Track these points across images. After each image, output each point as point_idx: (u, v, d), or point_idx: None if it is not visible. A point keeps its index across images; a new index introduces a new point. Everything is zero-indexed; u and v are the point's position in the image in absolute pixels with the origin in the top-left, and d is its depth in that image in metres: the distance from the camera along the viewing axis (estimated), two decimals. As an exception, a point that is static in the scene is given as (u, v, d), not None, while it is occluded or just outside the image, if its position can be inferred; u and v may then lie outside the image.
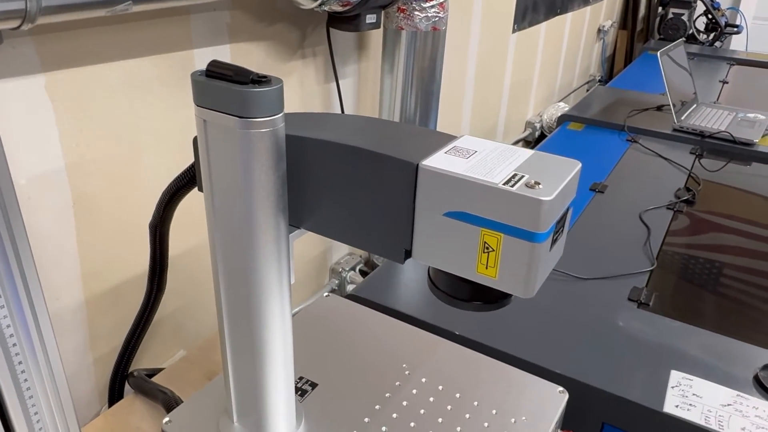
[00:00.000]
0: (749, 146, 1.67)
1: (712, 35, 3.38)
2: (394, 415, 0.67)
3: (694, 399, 0.78)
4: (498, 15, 2.04)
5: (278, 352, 0.57)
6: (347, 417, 0.67)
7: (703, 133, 1.72)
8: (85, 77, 0.82)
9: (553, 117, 2.60)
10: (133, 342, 0.86)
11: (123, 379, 0.89)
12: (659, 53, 1.74)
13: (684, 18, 3.34)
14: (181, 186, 0.66)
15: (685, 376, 0.82)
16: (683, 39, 2.07)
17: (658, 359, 0.85)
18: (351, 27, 1.12)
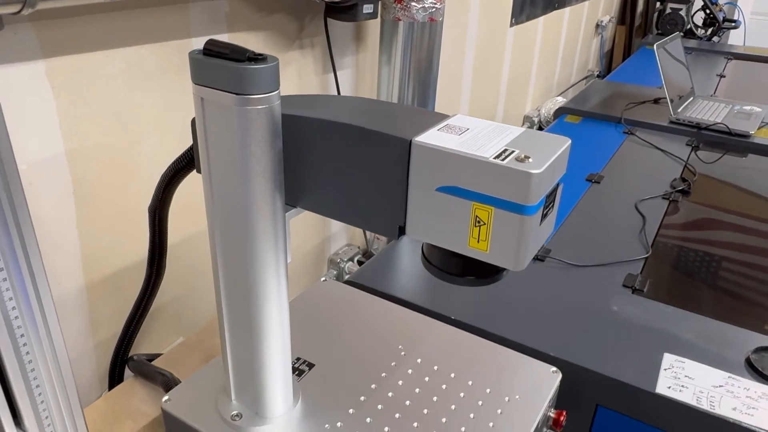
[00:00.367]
0: (745, 138, 1.68)
1: (710, 30, 3.38)
2: (390, 394, 0.68)
3: (686, 380, 0.79)
4: (495, 8, 2.04)
5: (275, 329, 0.58)
6: (343, 396, 0.68)
7: (700, 125, 1.73)
8: (85, 64, 0.83)
9: (551, 111, 2.60)
10: (133, 326, 0.87)
11: (123, 364, 0.90)
12: (655, 46, 1.75)
13: (682, 13, 3.34)
14: (180, 168, 0.67)
15: (678, 359, 0.83)
16: (679, 33, 2.07)
17: (652, 343, 0.86)
18: (348, 17, 1.13)
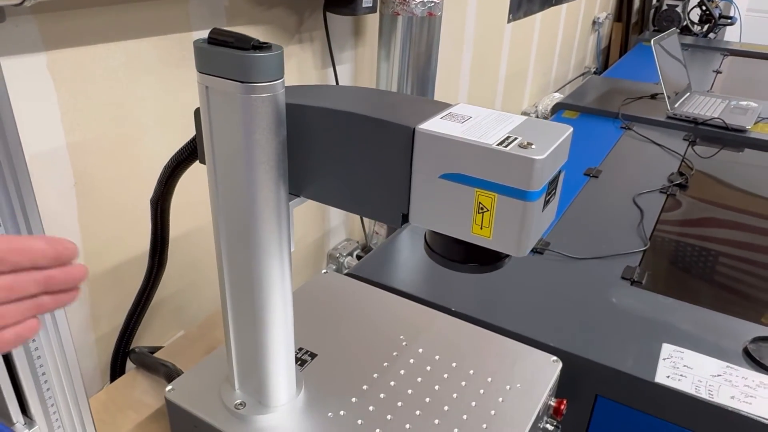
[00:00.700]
0: (742, 133, 1.69)
1: (706, 27, 3.40)
2: (392, 383, 0.69)
3: (685, 370, 0.80)
4: (493, 4, 2.05)
5: (279, 317, 0.58)
6: (346, 385, 0.68)
7: (697, 120, 1.74)
8: (87, 57, 0.83)
9: (548, 107, 2.61)
10: (135, 319, 0.88)
11: (124, 356, 0.90)
12: (652, 41, 1.76)
13: (678, 9, 3.35)
14: (182, 159, 0.67)
15: (677, 349, 0.83)
16: (676, 29, 2.08)
17: (650, 333, 0.87)
18: (347, 11, 1.14)
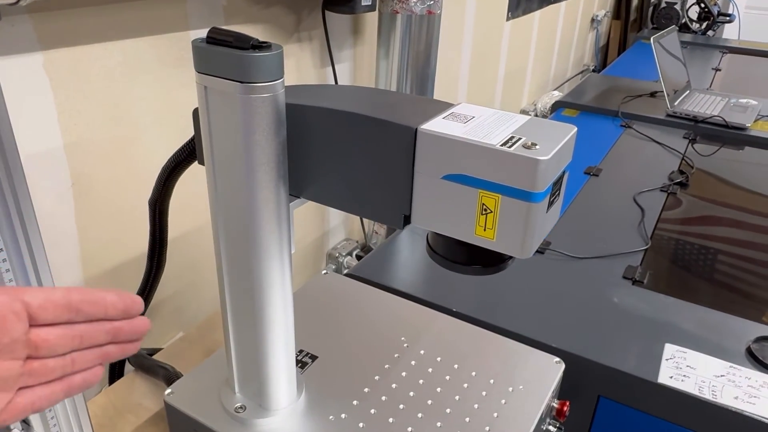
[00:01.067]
0: (742, 131, 1.68)
1: (705, 24, 3.39)
2: (393, 386, 0.68)
3: (688, 370, 0.79)
4: (492, 2, 2.04)
5: (280, 319, 0.58)
6: (347, 387, 0.68)
7: (697, 118, 1.73)
8: (83, 56, 0.82)
9: (547, 105, 2.60)
10: (133, 320, 0.87)
11: (123, 359, 0.90)
12: (652, 39, 1.75)
13: (677, 7, 3.35)
14: (181, 160, 0.66)
15: (679, 349, 0.83)
16: (675, 26, 2.08)
17: (653, 333, 0.86)
18: (346, 9, 1.13)
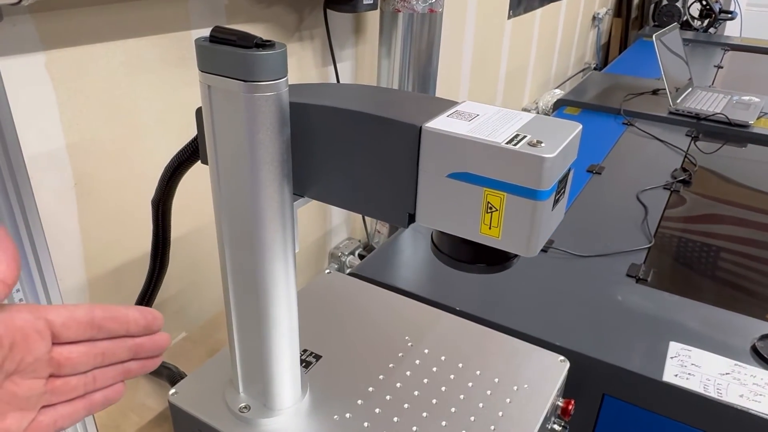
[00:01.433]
0: (744, 128, 1.68)
1: (707, 21, 3.39)
2: (398, 385, 0.68)
3: (693, 368, 0.79)
4: (493, 0, 2.04)
5: (284, 319, 0.57)
6: (351, 387, 0.67)
7: (699, 116, 1.73)
8: (85, 56, 0.82)
9: (549, 104, 2.60)
10: (137, 321, 0.87)
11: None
12: (654, 37, 1.75)
13: (678, 4, 3.34)
14: (184, 160, 0.66)
15: (684, 347, 0.83)
16: (677, 24, 2.07)
17: (657, 331, 0.86)
18: (348, 8, 1.13)
